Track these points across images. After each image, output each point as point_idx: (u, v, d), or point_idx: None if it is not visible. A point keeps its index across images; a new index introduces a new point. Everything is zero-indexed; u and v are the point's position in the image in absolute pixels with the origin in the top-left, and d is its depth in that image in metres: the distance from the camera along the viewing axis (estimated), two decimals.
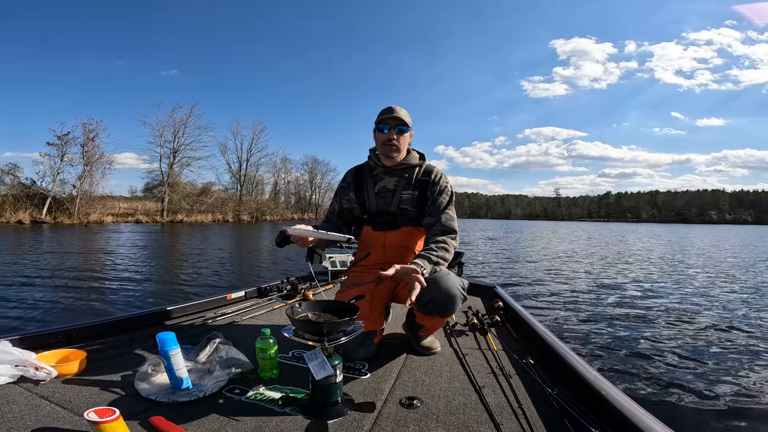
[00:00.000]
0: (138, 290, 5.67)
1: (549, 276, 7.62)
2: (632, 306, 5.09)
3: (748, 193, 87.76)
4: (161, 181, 33.51)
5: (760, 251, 14.59)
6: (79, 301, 4.91)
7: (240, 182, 41.65)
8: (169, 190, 32.75)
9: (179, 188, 34.11)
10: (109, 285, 6.00)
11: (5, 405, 1.11)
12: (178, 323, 2.02)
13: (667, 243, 18.79)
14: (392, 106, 1.67)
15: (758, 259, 11.77)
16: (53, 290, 5.48)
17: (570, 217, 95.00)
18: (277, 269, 8.16)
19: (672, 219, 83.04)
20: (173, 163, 34.28)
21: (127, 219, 29.36)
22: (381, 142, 1.68)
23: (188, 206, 33.66)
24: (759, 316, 4.59)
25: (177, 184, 34.11)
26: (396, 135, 1.66)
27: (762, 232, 37.40)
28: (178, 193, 33.59)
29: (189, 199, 34.24)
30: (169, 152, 34.19)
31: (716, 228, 49.26)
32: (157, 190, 33.47)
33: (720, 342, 3.59)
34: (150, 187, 34.49)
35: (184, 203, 33.57)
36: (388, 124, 1.66)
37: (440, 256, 1.48)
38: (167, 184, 32.93)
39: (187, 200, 33.95)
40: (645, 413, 1.04)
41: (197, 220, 32.77)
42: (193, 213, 33.51)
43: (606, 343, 3.49)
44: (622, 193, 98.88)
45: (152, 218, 30.96)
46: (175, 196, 33.17)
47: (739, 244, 18.46)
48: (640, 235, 27.07)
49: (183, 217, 32.27)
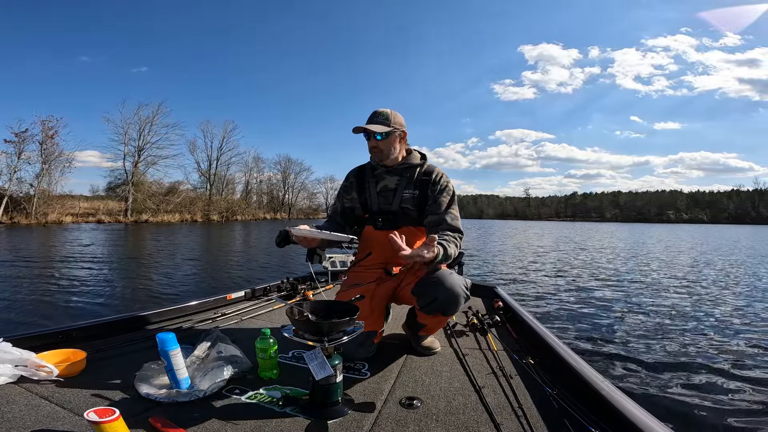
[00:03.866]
0: (105, 293, 5.38)
1: (549, 276, 7.63)
2: (632, 306, 5.08)
3: (703, 194, 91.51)
4: (125, 180, 32.74)
5: (751, 252, 14.58)
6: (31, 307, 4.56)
7: (210, 181, 41.19)
8: (133, 190, 32.01)
9: (144, 187, 33.34)
10: (69, 289, 5.68)
11: (5, 405, 1.11)
12: (178, 323, 2.02)
13: (657, 242, 18.83)
14: (373, 112, 1.68)
15: (754, 260, 11.77)
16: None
17: (539, 216, 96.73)
18: (277, 269, 8.16)
19: (633, 218, 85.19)
20: (138, 162, 33.59)
21: (87, 219, 28.55)
22: (368, 148, 1.72)
23: (154, 206, 32.92)
24: (760, 317, 4.59)
25: (142, 183, 33.36)
26: (376, 143, 1.68)
27: (722, 231, 37.96)
28: (143, 192, 32.82)
29: (155, 199, 33.48)
30: (133, 150, 33.53)
31: (677, 227, 50.18)
32: (121, 190, 32.72)
33: (720, 342, 3.59)
34: (113, 186, 33.76)
35: (150, 203, 32.81)
36: (364, 133, 1.68)
37: (453, 249, 1.49)
38: (131, 183, 32.19)
39: (153, 200, 33.19)
40: (645, 413, 1.04)
41: (164, 220, 31.96)
42: (160, 213, 32.75)
43: (606, 343, 3.49)
44: (587, 194, 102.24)
45: (115, 218, 30.14)
46: (139, 195, 32.41)
47: (728, 244, 18.45)
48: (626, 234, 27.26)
49: (148, 217, 31.47)
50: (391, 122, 1.66)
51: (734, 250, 14.79)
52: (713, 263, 10.40)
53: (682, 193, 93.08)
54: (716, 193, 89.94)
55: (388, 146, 1.69)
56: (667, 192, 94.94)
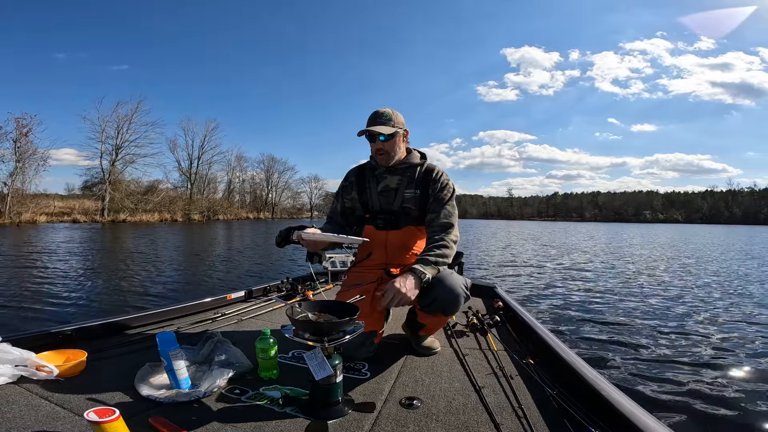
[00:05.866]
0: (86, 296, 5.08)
1: (548, 276, 7.63)
2: (632, 306, 5.08)
3: (678, 194, 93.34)
4: (102, 179, 32.07)
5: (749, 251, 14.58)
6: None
7: (190, 180, 40.43)
8: (110, 188, 31.40)
9: (122, 186, 32.73)
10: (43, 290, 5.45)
11: (5, 405, 1.11)
12: (178, 323, 2.02)
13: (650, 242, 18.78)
14: (374, 115, 1.67)
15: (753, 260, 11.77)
16: None
17: (521, 216, 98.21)
18: (277, 269, 8.16)
19: (611, 218, 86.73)
20: (115, 160, 32.99)
21: (62, 218, 27.76)
22: (372, 150, 1.72)
23: (132, 205, 32.22)
24: (760, 316, 4.59)
25: (119, 182, 32.75)
26: (381, 145, 1.67)
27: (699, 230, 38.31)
28: (120, 191, 32.23)
29: (133, 198, 32.81)
30: (111, 149, 32.86)
31: (654, 227, 50.69)
32: (97, 188, 32.07)
33: (720, 341, 3.59)
34: (89, 185, 33.00)
35: (128, 202, 32.11)
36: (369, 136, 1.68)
37: (439, 254, 1.50)
38: (108, 181, 31.55)
39: (130, 199, 32.50)
40: (645, 413, 1.04)
41: (142, 219, 31.22)
42: (138, 212, 32.01)
43: (606, 343, 3.49)
44: (567, 194, 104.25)
45: (91, 218, 29.39)
46: (117, 194, 31.80)
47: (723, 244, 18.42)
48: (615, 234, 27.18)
49: (126, 216, 30.71)
50: (393, 122, 1.66)
51: (728, 250, 14.80)
52: (712, 263, 10.40)
53: (658, 193, 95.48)
54: (691, 194, 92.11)
55: (392, 147, 1.68)
56: (644, 192, 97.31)
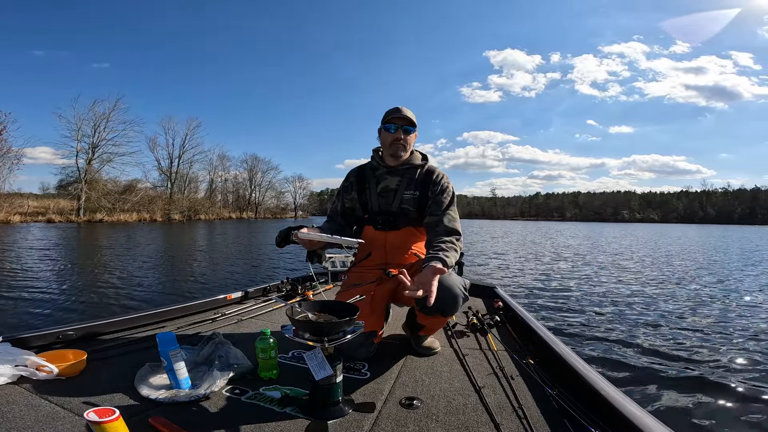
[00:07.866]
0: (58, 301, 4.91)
1: (548, 276, 7.63)
2: (632, 306, 5.08)
3: (655, 195, 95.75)
4: (77, 178, 31.33)
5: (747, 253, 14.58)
6: None
7: (171, 179, 39.57)
8: (86, 188, 30.67)
9: (99, 185, 31.98)
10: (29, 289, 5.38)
11: (5, 405, 1.11)
12: (178, 323, 2.02)
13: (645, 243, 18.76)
14: (399, 107, 1.69)
15: (749, 259, 11.77)
16: None
17: (505, 216, 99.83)
18: (277, 269, 8.16)
19: (591, 218, 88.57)
20: (92, 159, 32.24)
21: (37, 218, 27.17)
22: (389, 141, 1.70)
23: (109, 205, 31.50)
24: (759, 316, 4.59)
25: (96, 181, 32.01)
26: (403, 135, 1.67)
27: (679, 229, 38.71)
28: (97, 190, 31.48)
29: (110, 197, 32.05)
30: (87, 147, 32.12)
31: (632, 226, 51.27)
32: (73, 188, 31.34)
33: (721, 341, 3.59)
34: (64, 184, 32.26)
35: (105, 201, 31.37)
36: (395, 123, 1.68)
37: (450, 257, 1.46)
38: (84, 180, 30.83)
39: (108, 198, 31.79)
40: (645, 413, 1.04)
41: (120, 219, 30.45)
42: (116, 212, 31.32)
43: (606, 343, 3.49)
44: (549, 194, 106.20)
45: (66, 217, 28.68)
46: (93, 193, 31.05)
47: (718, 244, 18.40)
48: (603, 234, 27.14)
49: (103, 216, 29.99)
50: (414, 121, 1.69)
51: (726, 249, 14.80)
52: (711, 263, 10.40)
53: (635, 194, 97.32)
54: (667, 194, 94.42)
55: (410, 142, 1.71)
56: (622, 193, 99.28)
